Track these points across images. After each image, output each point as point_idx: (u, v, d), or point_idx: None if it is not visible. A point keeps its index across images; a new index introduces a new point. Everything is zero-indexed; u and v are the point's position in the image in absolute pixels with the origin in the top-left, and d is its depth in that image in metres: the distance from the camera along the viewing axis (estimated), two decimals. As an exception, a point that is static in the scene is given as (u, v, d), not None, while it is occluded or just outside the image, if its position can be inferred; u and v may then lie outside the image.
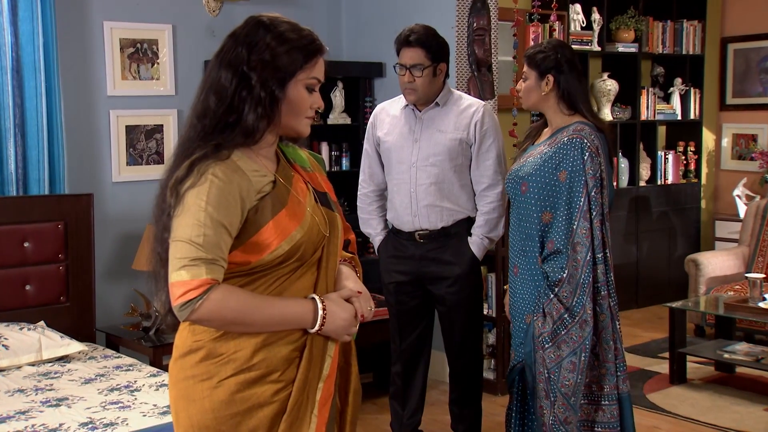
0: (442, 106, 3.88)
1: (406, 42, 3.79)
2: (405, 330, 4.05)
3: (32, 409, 3.45)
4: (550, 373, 3.30)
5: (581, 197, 3.27)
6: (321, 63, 2.15)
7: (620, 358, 3.38)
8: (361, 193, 4.15)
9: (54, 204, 4.61)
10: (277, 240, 2.04)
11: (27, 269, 4.53)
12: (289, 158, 2.24)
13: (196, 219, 1.98)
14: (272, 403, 2.08)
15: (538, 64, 3.46)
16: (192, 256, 1.96)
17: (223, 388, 2.06)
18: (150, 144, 5.18)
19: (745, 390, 5.26)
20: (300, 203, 2.13)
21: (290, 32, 2.10)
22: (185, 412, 2.11)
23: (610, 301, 3.34)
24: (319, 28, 6.06)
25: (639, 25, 7.19)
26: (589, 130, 3.36)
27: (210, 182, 1.99)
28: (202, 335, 2.09)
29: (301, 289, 2.14)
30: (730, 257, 6.56)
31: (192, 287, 1.96)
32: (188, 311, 1.97)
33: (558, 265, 3.29)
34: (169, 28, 5.22)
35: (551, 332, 3.29)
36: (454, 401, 4.11)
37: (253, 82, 2.06)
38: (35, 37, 4.59)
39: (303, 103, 2.13)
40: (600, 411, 3.37)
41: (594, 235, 3.28)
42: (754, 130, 7.76)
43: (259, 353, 2.07)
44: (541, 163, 3.37)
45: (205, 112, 2.09)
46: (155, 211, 2.10)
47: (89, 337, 4.65)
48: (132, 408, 3.45)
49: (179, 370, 2.13)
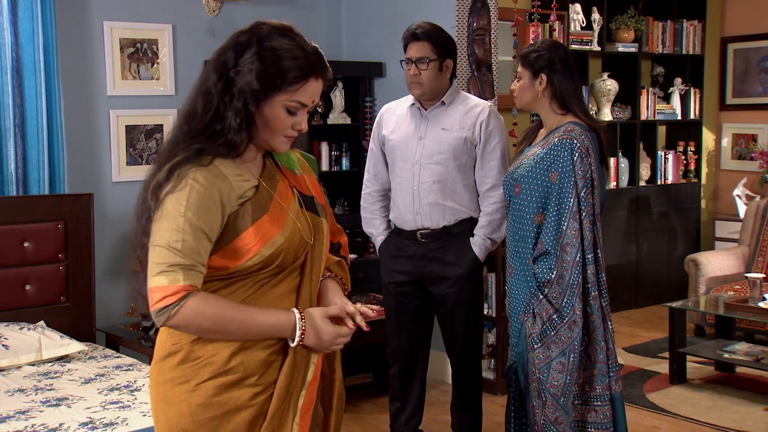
0: (448, 105, 3.88)
1: (413, 36, 3.80)
2: (403, 331, 4.04)
3: (32, 408, 3.45)
4: (540, 373, 3.29)
5: (570, 198, 3.26)
6: (310, 87, 2.06)
7: (612, 358, 3.36)
8: (365, 193, 4.15)
9: (54, 204, 4.61)
10: (257, 245, 2.02)
11: (27, 269, 4.52)
12: (276, 161, 2.22)
13: (175, 224, 1.96)
14: (250, 407, 2.07)
15: (532, 64, 3.45)
16: (170, 261, 1.95)
17: (200, 392, 2.05)
18: (150, 144, 5.18)
19: (745, 390, 5.26)
20: (282, 209, 2.10)
21: (282, 51, 2.02)
22: (164, 415, 2.10)
23: (601, 301, 3.32)
24: (318, 27, 6.12)
25: (639, 25, 7.18)
26: (580, 131, 3.34)
27: (190, 187, 1.98)
28: (180, 338, 2.08)
29: (281, 294, 2.12)
30: (730, 257, 6.55)
31: (169, 293, 1.94)
32: (164, 317, 1.96)
33: (546, 266, 3.29)
34: (169, 28, 5.23)
35: (540, 333, 3.29)
36: (455, 402, 4.11)
37: (234, 90, 2.02)
38: (35, 37, 4.59)
39: (279, 123, 2.07)
40: (592, 411, 3.36)
41: (584, 235, 3.27)
42: (754, 129, 7.75)
43: (236, 357, 2.06)
44: (534, 165, 3.37)
45: (192, 114, 2.07)
46: (137, 210, 2.09)
47: (89, 336, 4.64)
48: (132, 408, 3.45)
49: (158, 373, 2.12)
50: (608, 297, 3.37)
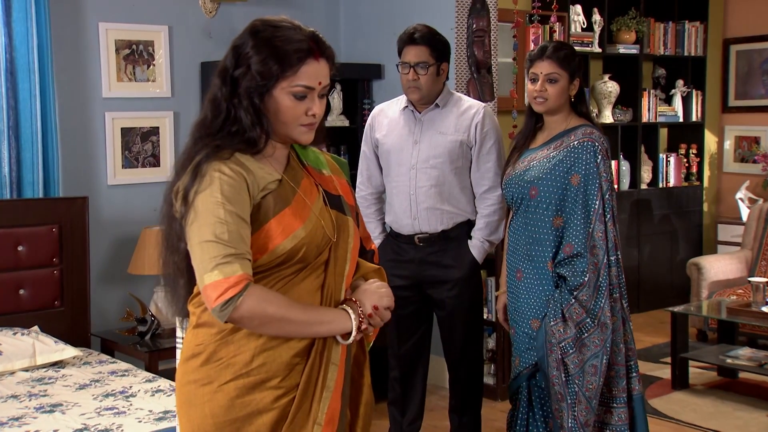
0: (442, 108, 3.86)
1: (411, 40, 3.77)
2: (403, 335, 4.02)
3: (26, 415, 3.42)
4: (573, 377, 3.28)
5: (596, 200, 3.28)
6: (311, 68, 2.06)
7: (633, 359, 3.40)
8: (359, 196, 4.10)
9: (48, 207, 4.58)
10: (279, 238, 2.02)
11: (21, 273, 4.49)
12: (302, 160, 2.22)
13: (216, 217, 1.95)
14: (272, 410, 2.05)
15: (570, 65, 3.42)
16: (223, 253, 1.93)
17: (222, 393, 2.04)
18: (146, 146, 5.15)
19: (749, 396, 5.24)
20: (305, 204, 2.10)
21: (275, 39, 2.04)
22: (186, 417, 2.10)
23: (622, 302, 3.37)
24: (316, 29, 6.05)
25: (640, 27, 7.17)
26: (599, 133, 3.37)
27: (219, 179, 1.98)
28: (204, 338, 2.08)
29: (306, 292, 2.10)
30: (733, 261, 6.55)
31: (230, 285, 1.92)
32: (230, 310, 1.93)
33: (579, 269, 3.29)
34: (165, 29, 5.19)
35: (574, 337, 3.28)
36: (454, 408, 4.08)
37: (240, 90, 2.05)
38: (29, 38, 4.56)
39: (289, 111, 2.07)
40: (609, 413, 3.39)
41: (608, 237, 3.30)
42: (756, 132, 7.75)
43: (258, 357, 2.05)
44: (552, 167, 3.37)
45: (203, 122, 2.10)
46: (164, 216, 2.10)
47: (84, 342, 4.61)
48: (127, 414, 3.42)
49: (183, 374, 2.13)
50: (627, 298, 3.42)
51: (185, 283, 2.14)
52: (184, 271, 2.10)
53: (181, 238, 2.05)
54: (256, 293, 1.95)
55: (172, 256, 2.11)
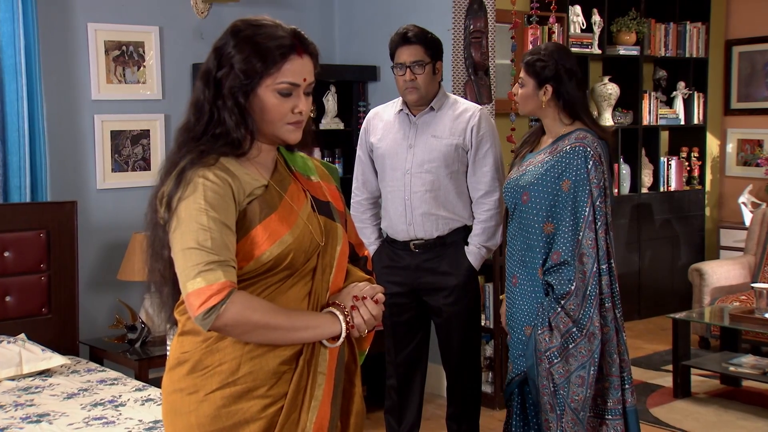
0: (437, 111, 3.83)
1: (404, 40, 3.74)
2: (400, 343, 3.99)
3: (11, 425, 3.38)
4: (559, 388, 3.25)
5: (586, 207, 3.24)
6: (295, 64, 2.06)
7: (626, 370, 3.36)
8: (354, 201, 4.10)
9: (36, 212, 4.55)
10: (266, 244, 2.01)
11: (7, 279, 4.45)
12: (290, 165, 2.21)
13: (199, 224, 1.94)
14: (259, 420, 2.03)
15: (537, 73, 3.41)
16: (206, 260, 1.92)
17: (208, 402, 2.02)
18: (136, 150, 5.12)
19: (752, 404, 5.22)
20: (292, 210, 2.09)
21: (257, 36, 2.05)
22: (172, 427, 2.09)
23: (615, 312, 3.31)
24: (311, 30, 5.95)
25: (641, 28, 7.15)
26: (592, 138, 3.32)
27: (202, 186, 1.97)
28: (190, 346, 2.06)
29: (293, 300, 2.09)
30: (736, 266, 6.52)
31: (213, 292, 1.91)
32: (213, 318, 1.91)
33: (566, 278, 3.25)
34: (155, 30, 5.17)
35: (560, 347, 3.25)
36: (452, 417, 4.04)
37: (224, 91, 2.05)
38: (16, 39, 4.54)
39: (274, 109, 2.07)
40: (604, 425, 3.35)
41: (599, 245, 3.25)
42: (759, 135, 7.74)
43: (244, 366, 2.03)
44: (543, 173, 3.33)
45: (187, 125, 2.10)
46: (149, 223, 2.10)
47: (72, 350, 4.58)
48: (116, 423, 3.39)
49: (169, 382, 2.11)
50: (621, 308, 3.36)
51: (170, 291, 2.13)
52: (169, 279, 2.09)
53: (165, 246, 2.04)
54: (240, 300, 1.93)
55: (156, 263, 2.10)
